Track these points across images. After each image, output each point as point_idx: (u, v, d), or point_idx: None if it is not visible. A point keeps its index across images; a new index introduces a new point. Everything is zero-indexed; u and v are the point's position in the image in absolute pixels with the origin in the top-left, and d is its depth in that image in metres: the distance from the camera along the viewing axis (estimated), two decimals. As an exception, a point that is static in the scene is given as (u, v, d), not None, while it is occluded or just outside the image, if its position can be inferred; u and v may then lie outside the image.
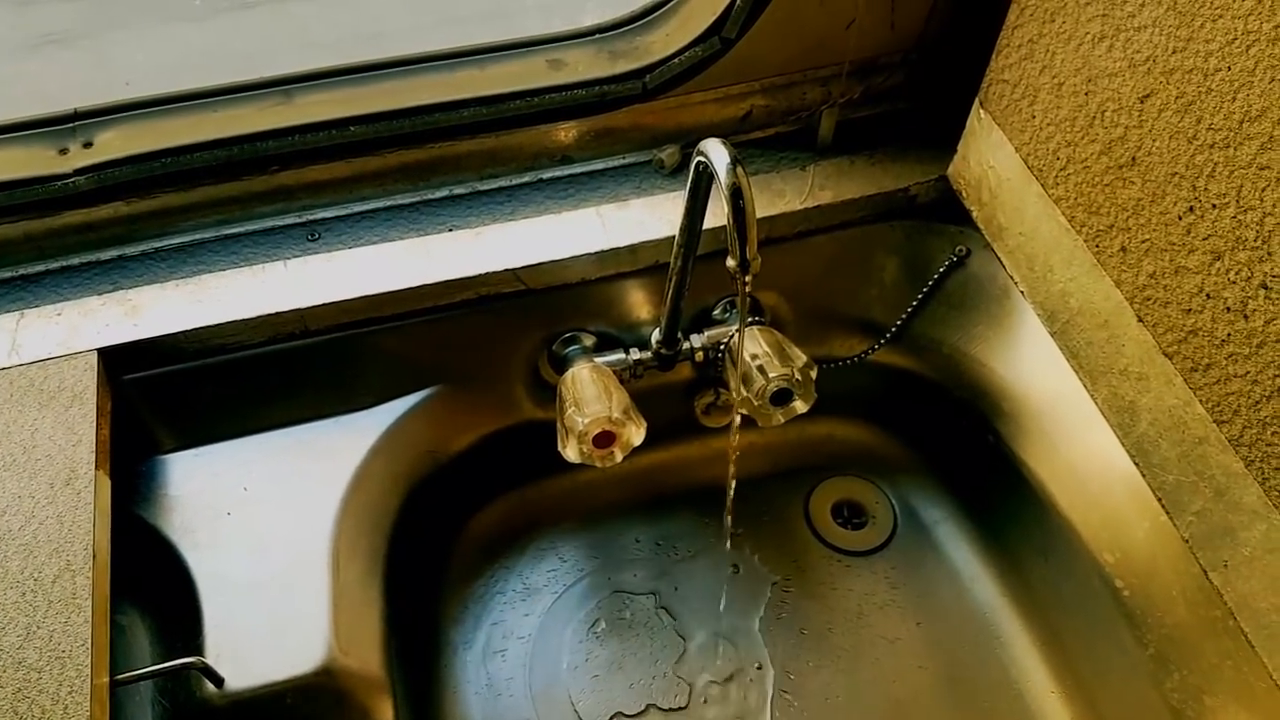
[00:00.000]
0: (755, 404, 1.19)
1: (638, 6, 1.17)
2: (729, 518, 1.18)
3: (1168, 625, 1.02)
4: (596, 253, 1.15)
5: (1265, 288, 0.79)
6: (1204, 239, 0.84)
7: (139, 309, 1.08)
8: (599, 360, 1.21)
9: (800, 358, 1.18)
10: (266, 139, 1.10)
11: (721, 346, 1.23)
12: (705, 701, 1.22)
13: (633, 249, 1.16)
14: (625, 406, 1.15)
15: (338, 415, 1.13)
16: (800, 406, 1.21)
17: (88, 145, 1.10)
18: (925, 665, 1.24)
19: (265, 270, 1.11)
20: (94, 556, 0.91)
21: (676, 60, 1.15)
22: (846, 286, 1.27)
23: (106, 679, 0.88)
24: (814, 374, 1.18)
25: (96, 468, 0.97)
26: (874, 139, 1.25)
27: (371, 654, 1.04)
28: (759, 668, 1.25)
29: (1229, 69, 0.77)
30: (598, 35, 1.16)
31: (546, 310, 1.19)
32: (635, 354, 1.22)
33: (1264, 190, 0.77)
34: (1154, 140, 0.86)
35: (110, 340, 1.06)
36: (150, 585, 1.04)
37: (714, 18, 1.12)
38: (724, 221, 0.84)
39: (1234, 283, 0.82)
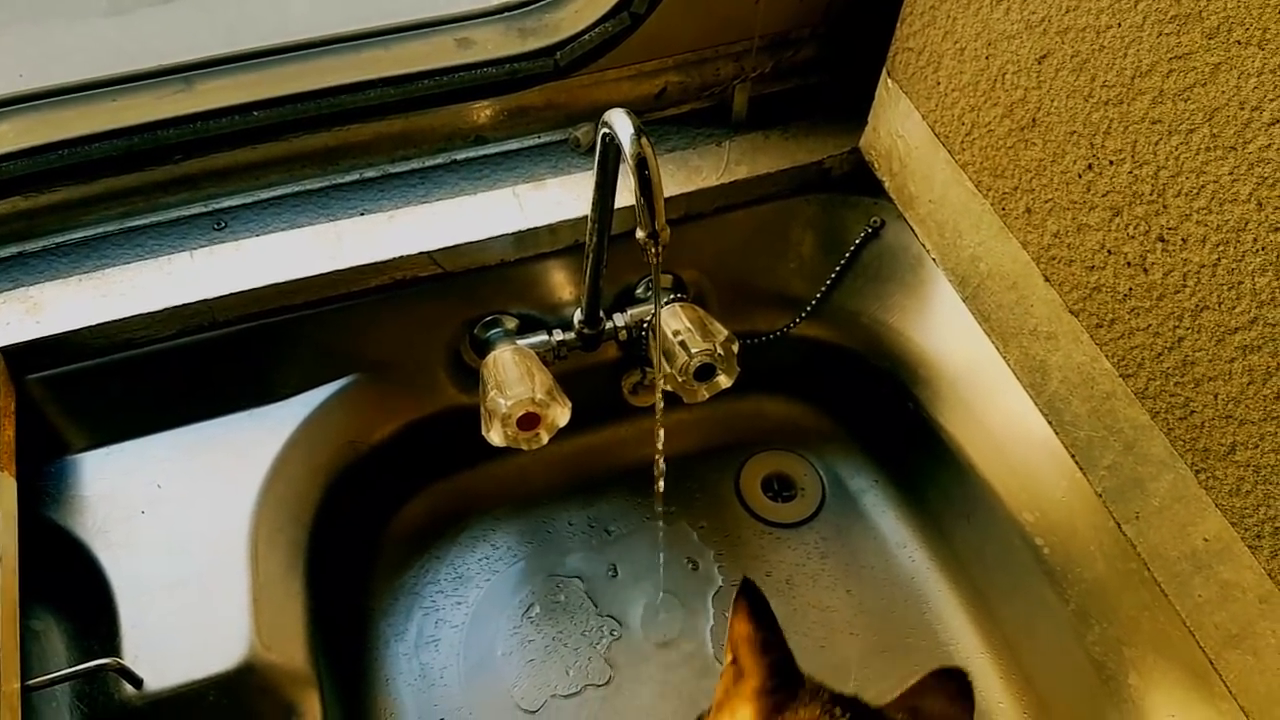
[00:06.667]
0: (679, 380, 1.19)
1: (545, -17, 1.16)
2: (660, 484, 1.17)
3: (1087, 580, 1.04)
4: (514, 233, 1.14)
5: (1162, 240, 0.81)
6: (1103, 195, 0.85)
7: (41, 306, 1.05)
8: (521, 342, 1.20)
9: (721, 332, 1.18)
10: (168, 127, 1.07)
11: (644, 325, 1.23)
12: (640, 679, 1.23)
13: (551, 229, 1.15)
14: (549, 387, 1.15)
15: (252, 408, 1.11)
16: (724, 381, 1.21)
17: (-20, 140, 1.06)
18: (856, 632, 1.25)
19: (171, 262, 1.08)
20: (0, 560, 0.89)
21: (587, 37, 1.14)
22: (766, 261, 1.28)
23: (17, 685, 0.86)
24: (735, 348, 1.19)
25: (1, 470, 0.95)
26: (787, 113, 1.25)
27: (296, 648, 1.03)
28: (694, 643, 1.25)
29: (1119, 25, 0.79)
30: (506, 13, 1.15)
31: (466, 293, 1.18)
32: (558, 335, 1.22)
33: (1157, 144, 0.78)
34: (1052, 100, 0.88)
35: (12, 339, 1.02)
36: (65, 589, 1.02)
37: (622, -7, 1.12)
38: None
39: (1133, 237, 0.83)
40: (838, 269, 1.25)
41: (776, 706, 0.72)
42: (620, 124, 0.83)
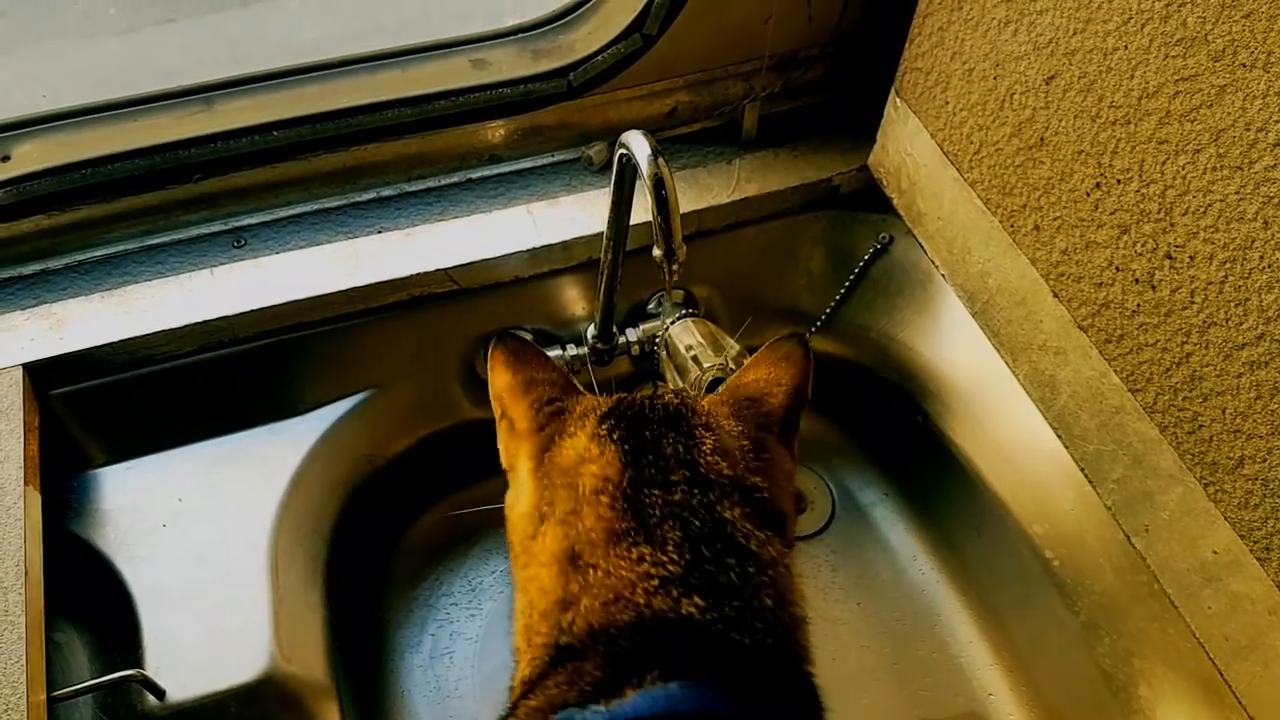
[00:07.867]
0: (692, 395, 1.20)
1: (558, 6, 1.18)
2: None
3: (1096, 592, 1.05)
4: (528, 250, 1.16)
5: (1170, 258, 0.82)
6: (1111, 213, 0.87)
7: (64, 323, 1.07)
8: (535, 358, 1.21)
9: (734, 346, 1.20)
10: (188, 147, 1.09)
11: (657, 339, 1.25)
12: (653, 692, 1.23)
13: (565, 246, 1.17)
14: (562, 402, 1.16)
15: (271, 423, 1.12)
16: (735, 396, 1.22)
17: (5, 159, 1.08)
18: (867, 644, 1.26)
19: (192, 279, 1.10)
20: (26, 573, 0.90)
21: (600, 58, 1.16)
22: (776, 277, 1.29)
23: (43, 696, 0.87)
24: (747, 363, 1.20)
25: (26, 484, 0.96)
26: (796, 132, 1.27)
27: (315, 660, 1.04)
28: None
29: (1126, 47, 0.80)
30: (520, 35, 1.17)
31: (481, 309, 1.19)
32: (572, 350, 1.23)
33: (1164, 163, 0.80)
34: (1060, 120, 0.89)
35: (36, 355, 1.04)
36: (88, 601, 1.03)
37: (634, 15, 1.13)
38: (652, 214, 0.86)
39: (1141, 254, 0.85)
40: (847, 284, 1.27)
41: (544, 444, 0.65)
42: (638, 145, 0.84)
